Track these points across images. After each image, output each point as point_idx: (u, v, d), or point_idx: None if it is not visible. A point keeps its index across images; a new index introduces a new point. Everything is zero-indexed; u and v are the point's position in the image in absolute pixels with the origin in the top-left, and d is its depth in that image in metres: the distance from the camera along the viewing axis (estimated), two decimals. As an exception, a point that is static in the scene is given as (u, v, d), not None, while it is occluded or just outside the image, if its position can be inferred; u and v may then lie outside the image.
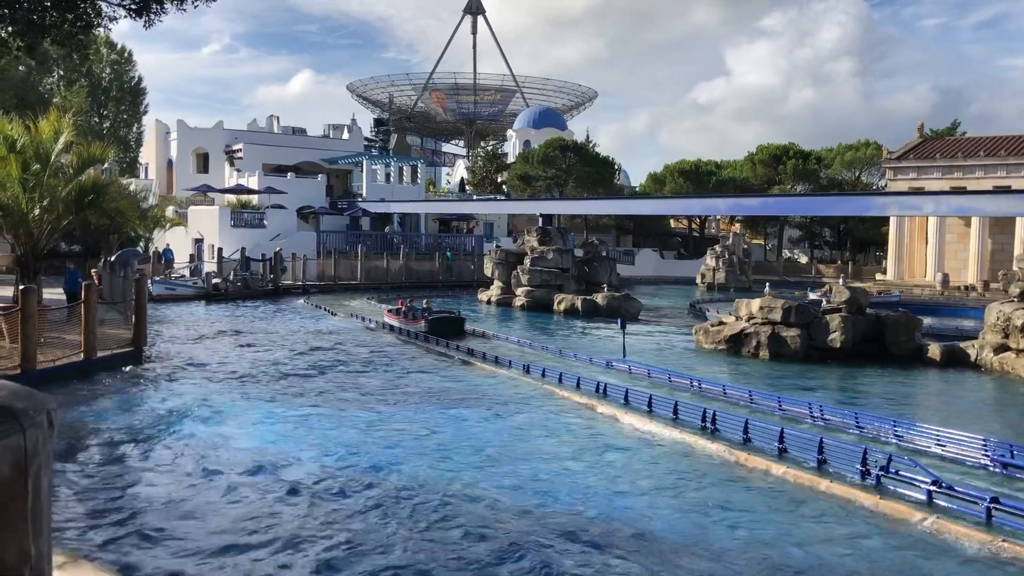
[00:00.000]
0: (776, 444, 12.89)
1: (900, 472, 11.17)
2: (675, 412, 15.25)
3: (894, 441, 13.70)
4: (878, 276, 57.34)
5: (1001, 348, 21.83)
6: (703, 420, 14.54)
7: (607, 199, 52.40)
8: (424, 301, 31.40)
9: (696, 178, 74.59)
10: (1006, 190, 38.86)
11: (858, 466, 11.50)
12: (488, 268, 41.42)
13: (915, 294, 47.72)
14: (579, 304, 35.96)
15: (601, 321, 33.55)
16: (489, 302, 40.23)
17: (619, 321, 22.79)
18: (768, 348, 23.68)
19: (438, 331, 27.09)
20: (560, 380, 18.88)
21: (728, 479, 11.90)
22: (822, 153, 77.04)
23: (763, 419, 14.69)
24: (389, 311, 31.00)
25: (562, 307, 36.52)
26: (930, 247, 51.46)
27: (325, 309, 35.79)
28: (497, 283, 40.49)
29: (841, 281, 25.81)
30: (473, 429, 14.53)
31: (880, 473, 11.20)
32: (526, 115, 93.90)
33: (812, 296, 29.49)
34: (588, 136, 78.74)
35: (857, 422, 14.59)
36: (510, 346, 25.46)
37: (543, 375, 19.56)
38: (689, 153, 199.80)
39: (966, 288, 47.14)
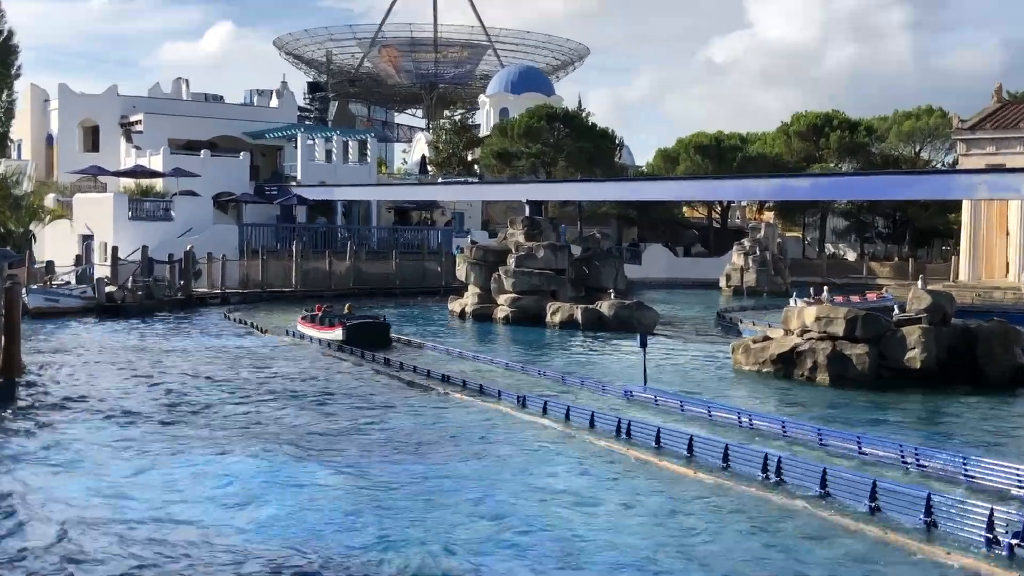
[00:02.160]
0: (867, 501, 12.25)
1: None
2: (725, 458, 14.58)
3: (1017, 494, 13.06)
4: (960, 277, 57.24)
5: None
6: (764, 469, 13.88)
7: (610, 181, 51.91)
8: (347, 306, 32.02)
9: (717, 155, 74.43)
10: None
11: (982, 531, 10.82)
12: (460, 270, 40.93)
13: (995, 298, 47.54)
14: (579, 315, 35.62)
15: (608, 336, 33.28)
16: (463, 314, 39.78)
17: (638, 338, 22.25)
18: (828, 370, 23.22)
19: (358, 340, 28.16)
20: (567, 417, 18.25)
21: (813, 536, 11.36)
22: (873, 123, 77.17)
23: (840, 466, 14.07)
24: (303, 318, 32.00)
25: (557, 319, 36.15)
26: (1013, 240, 51.33)
27: (250, 325, 35.39)
28: (473, 289, 40.04)
29: (920, 283, 25.25)
30: (468, 496, 13.69)
31: (1015, 542, 10.53)
32: (503, 77, 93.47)
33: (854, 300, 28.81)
34: (580, 103, 78.41)
35: (965, 469, 13.94)
36: (493, 369, 25.04)
37: (544, 411, 18.91)
38: (701, 124, 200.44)
39: (1060, 290, 47.00)
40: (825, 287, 25.87)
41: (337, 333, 29.17)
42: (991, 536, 10.87)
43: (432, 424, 18.20)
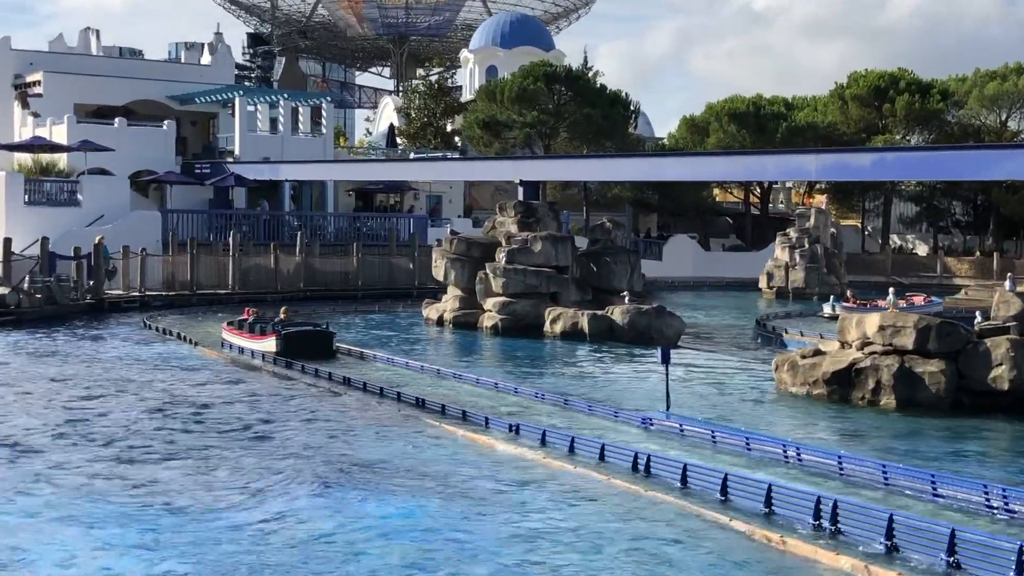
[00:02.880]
0: (943, 555, 12.23)
1: None
2: (768, 502, 14.53)
3: None
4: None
5: None
6: (816, 516, 13.83)
7: (624, 157, 51.93)
8: (282, 310, 32.50)
9: (756, 124, 74.84)
10: None
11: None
12: (438, 268, 40.96)
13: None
14: (585, 323, 35.71)
15: (622, 350, 33.33)
16: (441, 322, 39.91)
17: (659, 352, 22.26)
18: (894, 392, 23.22)
19: (295, 351, 28.76)
20: (571, 449, 18.23)
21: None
22: (950, 84, 77.50)
23: (911, 512, 14.04)
24: (228, 325, 32.67)
25: (558, 327, 36.25)
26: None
27: (176, 336, 35.32)
28: (453, 292, 40.16)
29: (1007, 283, 25.34)
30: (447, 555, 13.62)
31: None
32: (490, 28, 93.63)
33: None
34: (586, 60, 78.66)
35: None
36: (476, 389, 25.00)
37: (543, 442, 18.90)
38: (737, 87, 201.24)
39: None
40: (891, 288, 25.86)
41: (270, 343, 29.52)
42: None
43: (404, 458, 18.13)
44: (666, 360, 22.32)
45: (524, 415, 21.59)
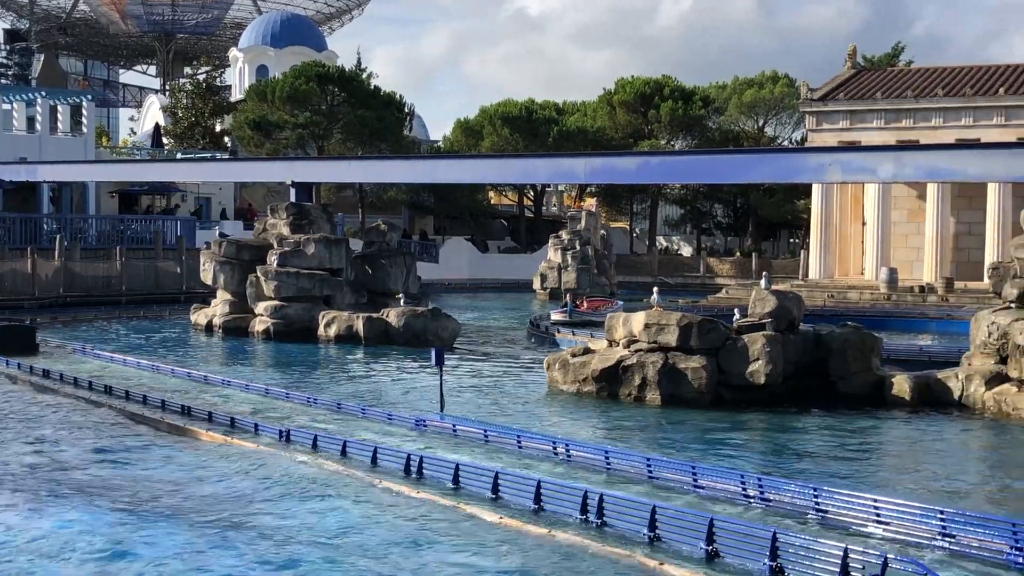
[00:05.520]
0: (703, 544, 12.66)
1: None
2: (537, 499, 14.77)
3: (875, 530, 13.80)
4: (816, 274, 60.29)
5: (996, 379, 22.95)
6: (584, 511, 14.14)
7: (398, 159, 51.90)
8: None
9: (529, 128, 75.99)
10: (974, 144, 41.74)
11: (836, 575, 11.34)
12: (206, 272, 40.11)
13: (850, 300, 50.47)
14: (360, 326, 35.59)
15: (397, 353, 33.40)
16: (210, 327, 39.18)
17: (433, 354, 22.31)
18: (659, 388, 23.84)
19: None
20: (343, 453, 18.09)
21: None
22: (711, 91, 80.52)
23: (673, 503, 14.49)
24: None
25: (332, 331, 36.01)
26: (869, 231, 54.59)
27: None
28: (223, 296, 39.54)
29: (763, 282, 26.42)
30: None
31: (872, 584, 11.10)
32: (260, 26, 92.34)
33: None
34: (360, 61, 78.31)
35: (816, 503, 14.62)
36: (242, 395, 24.62)
37: (315, 446, 18.71)
38: (510, 91, 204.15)
39: (921, 289, 50.31)
40: (655, 289, 26.62)
41: None
42: (847, 581, 11.37)
43: (170, 475, 17.63)
44: (440, 362, 22.52)
45: (296, 420, 21.30)
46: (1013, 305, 23.94)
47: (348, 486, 16.42)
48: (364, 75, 75.40)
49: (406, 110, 75.97)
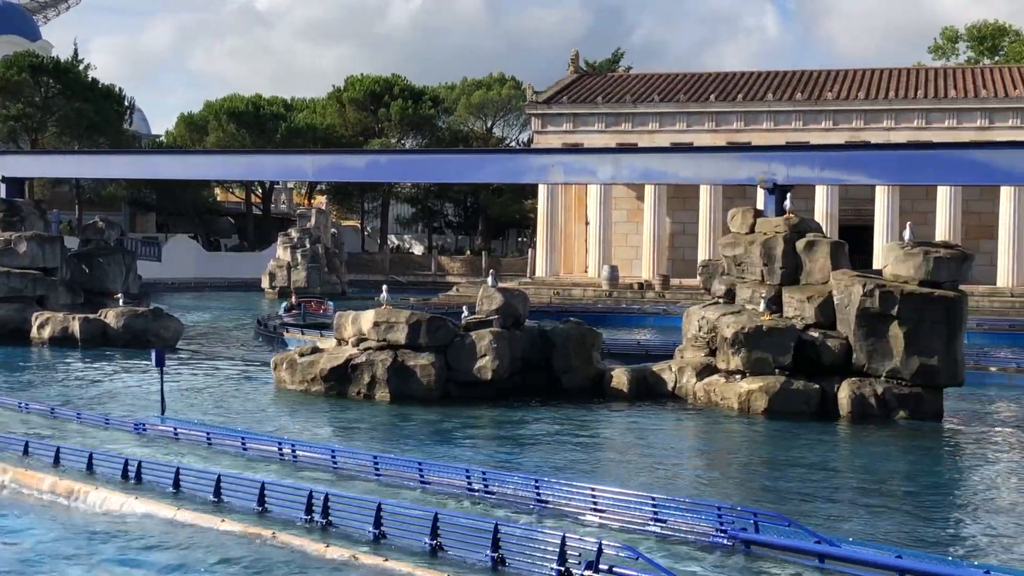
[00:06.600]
0: (427, 539, 12.82)
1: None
2: (260, 500, 14.63)
3: (593, 518, 14.29)
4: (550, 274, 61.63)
5: (706, 370, 24.21)
6: (309, 511, 14.09)
7: (118, 154, 50.10)
8: None
9: (256, 124, 75.01)
10: (687, 147, 43.90)
11: (554, 564, 11.68)
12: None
13: (574, 296, 52.16)
14: (76, 327, 34.67)
15: (116, 354, 32.68)
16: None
17: (153, 356, 21.73)
18: (388, 386, 24.02)
19: None
20: (57, 461, 17.32)
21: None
22: (440, 91, 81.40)
23: (400, 499, 14.65)
24: None
25: (46, 333, 35.02)
26: (592, 231, 56.46)
27: None
28: (-76, 297, 37.11)
29: (490, 280, 26.91)
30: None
31: (587, 574, 11.45)
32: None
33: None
34: (77, 53, 75.12)
35: (537, 493, 15.05)
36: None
37: (26, 452, 17.90)
38: (237, 86, 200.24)
39: (640, 286, 52.47)
40: (385, 287, 26.70)
41: None
42: (563, 569, 11.67)
43: None
44: (160, 363, 21.95)
45: (6, 428, 20.30)
46: (721, 300, 25.30)
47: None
48: (81, 66, 72.63)
49: (126, 103, 73.83)
